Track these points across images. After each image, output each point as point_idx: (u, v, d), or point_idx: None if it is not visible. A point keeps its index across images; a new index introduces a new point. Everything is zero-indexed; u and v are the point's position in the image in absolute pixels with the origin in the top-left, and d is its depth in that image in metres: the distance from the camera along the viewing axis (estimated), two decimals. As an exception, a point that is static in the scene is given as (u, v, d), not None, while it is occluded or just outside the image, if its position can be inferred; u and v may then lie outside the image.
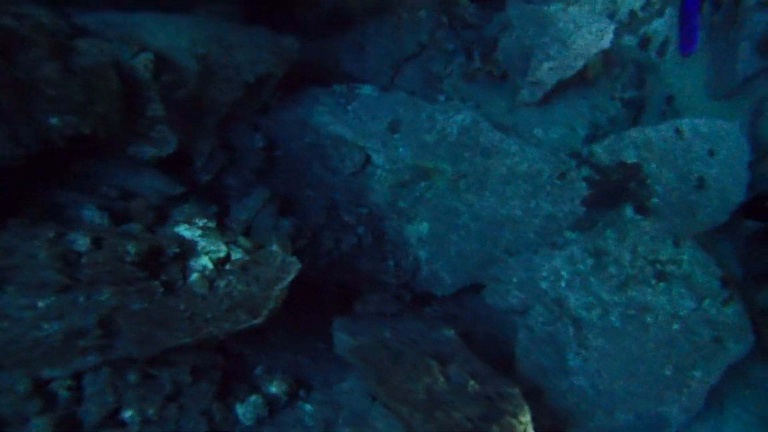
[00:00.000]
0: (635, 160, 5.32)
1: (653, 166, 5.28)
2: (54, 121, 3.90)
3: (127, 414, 3.73)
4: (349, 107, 5.80)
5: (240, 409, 4.04)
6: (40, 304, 3.61)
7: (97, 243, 3.88)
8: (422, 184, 5.76)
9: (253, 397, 4.16)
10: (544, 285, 5.24)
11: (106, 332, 3.77)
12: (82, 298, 3.73)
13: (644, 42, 6.05)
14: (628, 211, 5.31)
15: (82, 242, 3.84)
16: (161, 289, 3.93)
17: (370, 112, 5.79)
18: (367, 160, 5.74)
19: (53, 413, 3.51)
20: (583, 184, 5.42)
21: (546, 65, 5.73)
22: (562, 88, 5.86)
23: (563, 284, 5.18)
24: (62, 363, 3.69)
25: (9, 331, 3.53)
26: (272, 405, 4.23)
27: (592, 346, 4.96)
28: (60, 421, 3.49)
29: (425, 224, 5.77)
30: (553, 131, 5.91)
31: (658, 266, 5.16)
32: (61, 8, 4.23)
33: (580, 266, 5.19)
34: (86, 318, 3.71)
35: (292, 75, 5.68)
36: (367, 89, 5.85)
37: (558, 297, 5.17)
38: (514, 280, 5.35)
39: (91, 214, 4.26)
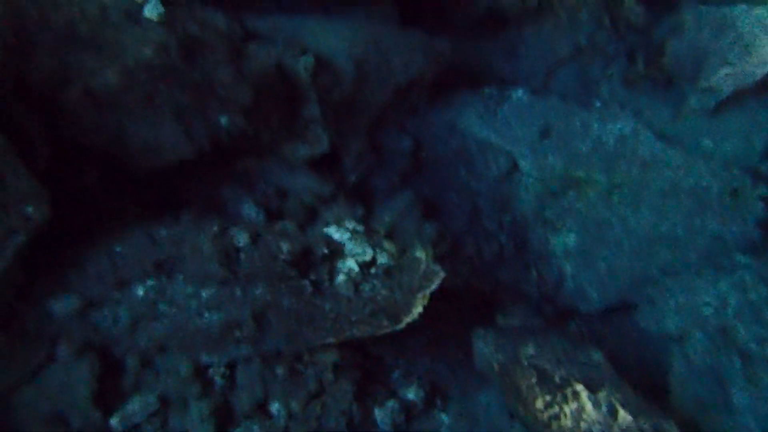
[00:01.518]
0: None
1: None
2: (223, 120, 4.11)
3: (274, 406, 3.88)
4: (498, 111, 5.63)
5: (378, 414, 4.08)
6: (204, 294, 3.84)
7: (254, 239, 4.06)
8: (571, 194, 5.49)
9: (391, 402, 4.18)
10: (707, 311, 4.79)
11: (259, 325, 3.93)
12: (239, 292, 3.92)
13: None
14: (813, 237, 4.73)
15: (242, 238, 4.03)
16: (310, 289, 4.04)
17: (521, 116, 5.59)
18: (514, 166, 5.55)
19: (210, 399, 3.73)
20: (759, 204, 4.90)
21: (723, 71, 5.22)
22: (738, 97, 5.30)
23: (730, 312, 4.71)
24: (219, 351, 3.91)
25: (176, 318, 3.79)
26: (409, 411, 4.23)
27: (765, 384, 4.47)
28: (216, 407, 3.69)
29: (572, 236, 5.50)
30: (725, 143, 5.38)
31: None
32: (236, 13, 4.44)
33: (752, 294, 4.69)
34: (242, 310, 3.90)
35: (443, 77, 5.61)
36: (518, 92, 5.65)
37: (723, 326, 4.71)
38: (672, 303, 4.95)
39: (249, 210, 4.46)
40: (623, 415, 3.82)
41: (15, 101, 3.42)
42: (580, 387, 3.99)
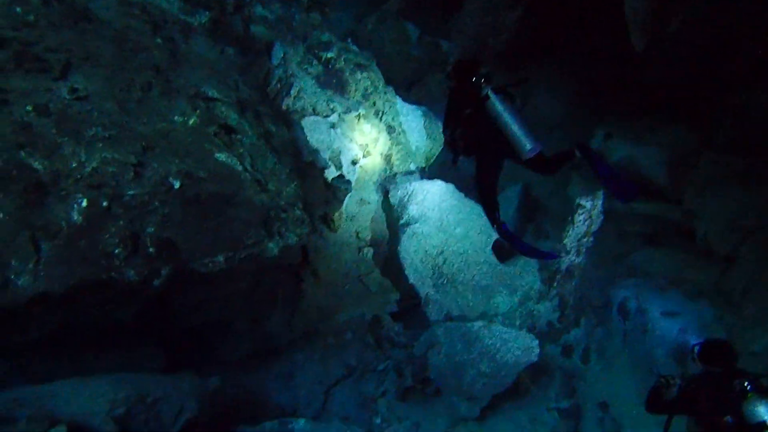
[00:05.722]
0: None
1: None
2: None
3: None
4: (282, 446, 5.35)
5: None
6: None
7: None
8: None
9: None
10: None
11: None
12: None
13: (567, 350, 6.28)
14: None
15: None
16: None
17: (305, 449, 5.36)
18: None
19: None
20: None
21: (480, 381, 5.72)
22: (498, 401, 5.78)
23: None
24: None
25: None
26: None
27: None
28: None
29: None
30: (498, 449, 5.67)
31: None
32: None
33: None
34: None
35: (219, 416, 5.28)
36: (300, 423, 5.47)
37: None
38: None
39: None
40: None
41: None
42: None
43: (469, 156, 4.63)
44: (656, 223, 6.04)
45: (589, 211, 6.28)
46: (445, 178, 7.39)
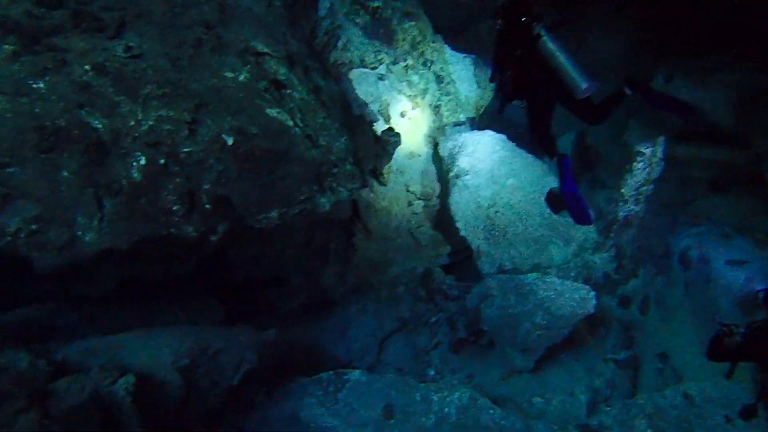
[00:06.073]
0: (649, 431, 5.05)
1: (673, 437, 5.01)
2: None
3: None
4: (339, 395, 5.48)
5: None
6: None
7: None
8: (424, 474, 5.27)
9: None
10: None
11: None
12: None
13: (624, 301, 6.17)
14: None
15: None
16: None
17: (361, 398, 5.47)
18: (364, 452, 5.28)
19: None
20: (596, 463, 5.06)
21: (534, 333, 5.69)
22: (553, 353, 5.75)
23: None
24: None
25: None
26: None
27: None
28: None
29: None
30: (553, 399, 5.67)
31: None
32: (42, 345, 4.02)
33: None
34: None
35: (277, 367, 5.44)
36: (355, 374, 5.59)
37: None
38: None
39: None
40: None
41: None
42: None
43: (520, 99, 4.53)
44: (721, 169, 5.76)
45: (648, 158, 6.08)
46: (496, 129, 7.24)
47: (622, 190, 6.32)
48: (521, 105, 4.45)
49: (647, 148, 6.04)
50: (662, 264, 6.28)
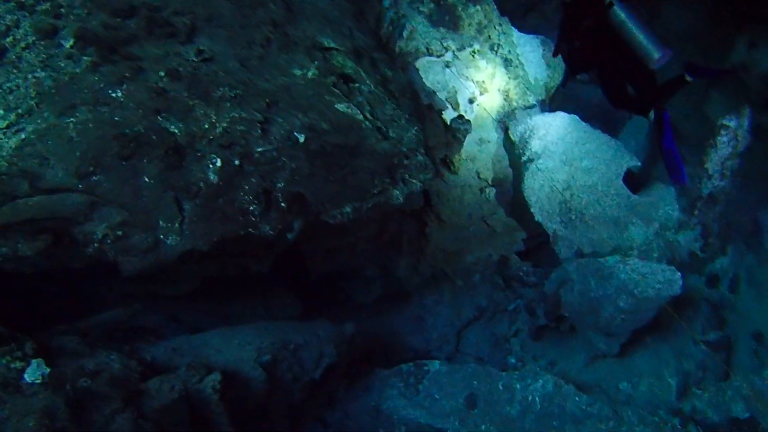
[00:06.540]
0: (747, 415, 4.79)
1: (774, 421, 4.76)
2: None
3: None
4: (420, 386, 5.47)
5: None
6: None
7: None
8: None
9: None
10: None
11: None
12: None
13: (712, 280, 5.87)
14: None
15: None
16: None
17: (443, 388, 5.45)
18: (450, 442, 5.25)
19: None
20: (693, 448, 4.85)
21: (618, 317, 5.48)
22: (639, 336, 5.53)
23: None
24: None
25: None
26: None
27: None
28: None
29: None
30: (641, 384, 5.48)
31: None
32: (131, 345, 4.16)
33: None
34: None
35: (356, 360, 5.48)
36: (435, 365, 5.57)
37: None
38: None
39: None
40: None
41: None
42: None
43: (586, 72, 4.39)
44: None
45: (734, 131, 5.73)
46: (568, 110, 7.00)
47: (706, 166, 6.00)
48: (586, 81, 4.32)
49: (732, 120, 5.69)
50: (752, 241, 5.97)
